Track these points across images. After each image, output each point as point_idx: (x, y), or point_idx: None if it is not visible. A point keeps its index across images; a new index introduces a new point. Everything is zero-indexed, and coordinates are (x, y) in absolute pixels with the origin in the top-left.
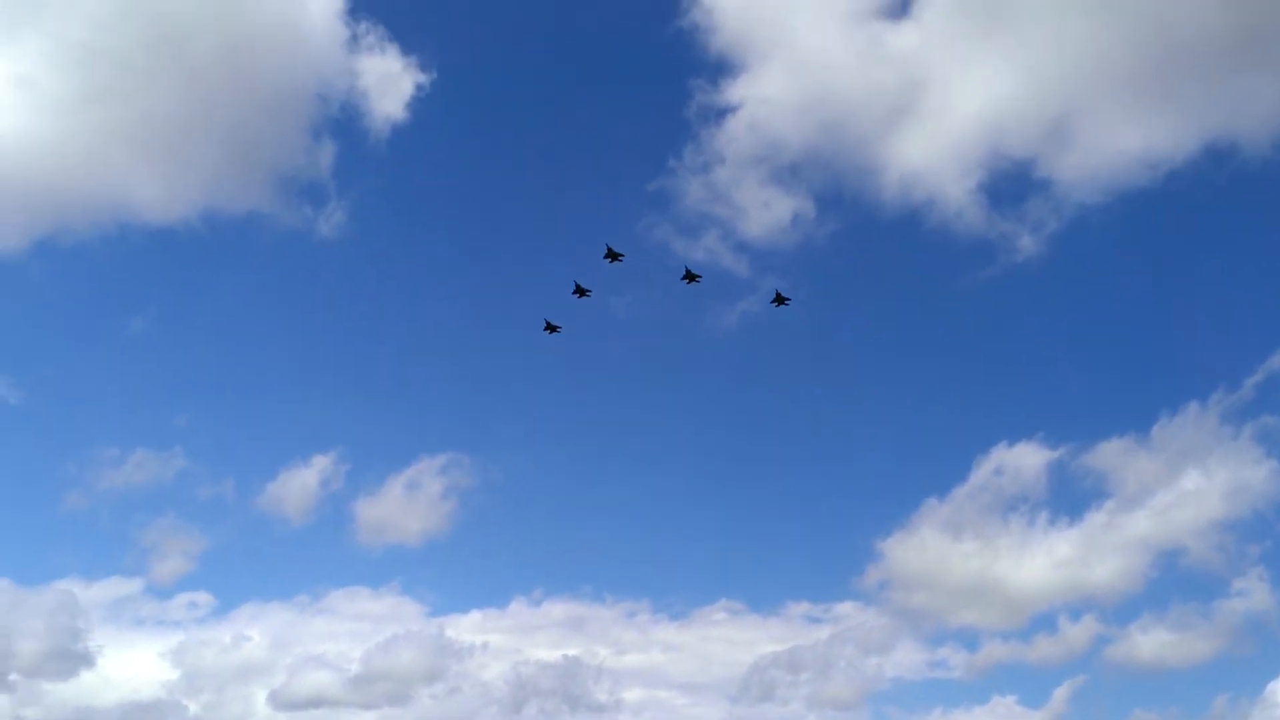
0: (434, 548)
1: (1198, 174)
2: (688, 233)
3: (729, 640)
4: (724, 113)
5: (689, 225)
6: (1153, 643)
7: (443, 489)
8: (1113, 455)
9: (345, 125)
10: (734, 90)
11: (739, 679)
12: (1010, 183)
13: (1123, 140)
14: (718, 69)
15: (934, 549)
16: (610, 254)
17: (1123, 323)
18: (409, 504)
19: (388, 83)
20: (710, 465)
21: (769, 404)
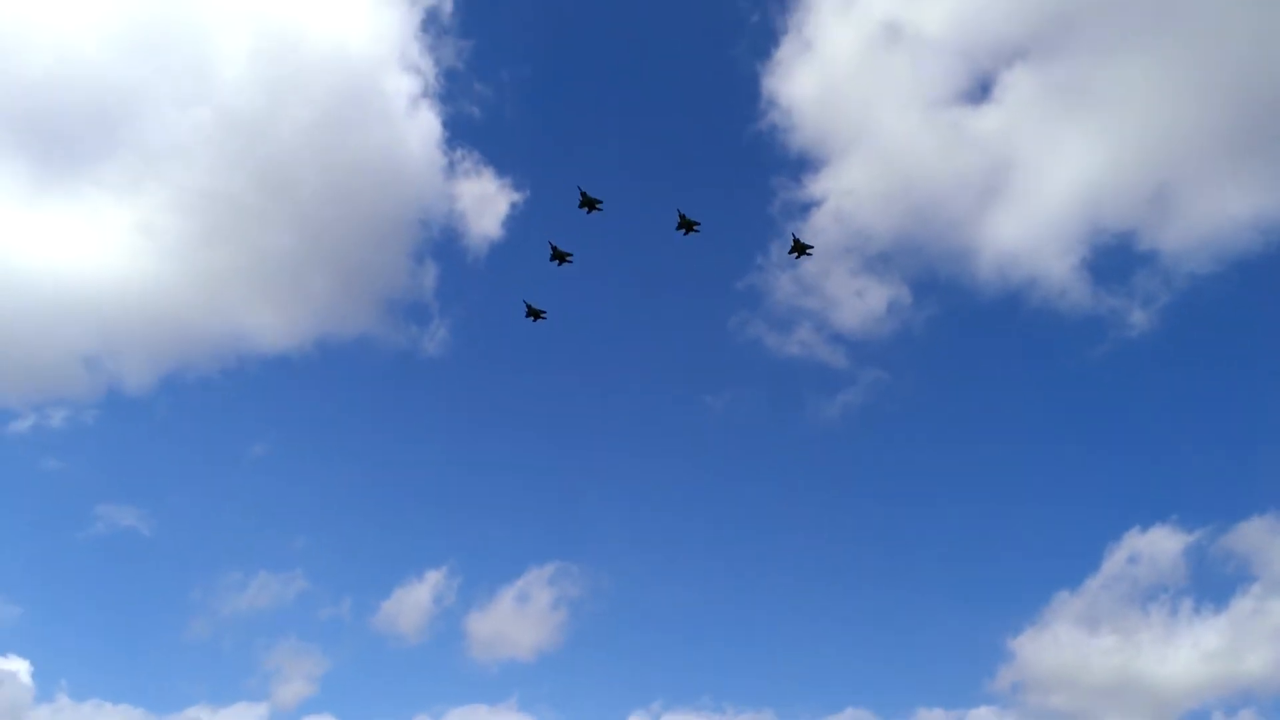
0: (548, 661)
1: None
2: (780, 327)
3: None
4: (808, 207)
5: (780, 320)
6: None
7: (553, 599)
8: (1255, 535)
9: (445, 246)
10: (817, 184)
11: None
12: (1114, 257)
13: (1229, 205)
14: (799, 165)
15: (1069, 645)
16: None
17: (1251, 394)
18: (521, 616)
19: (484, 203)
20: (826, 567)
21: (881, 500)
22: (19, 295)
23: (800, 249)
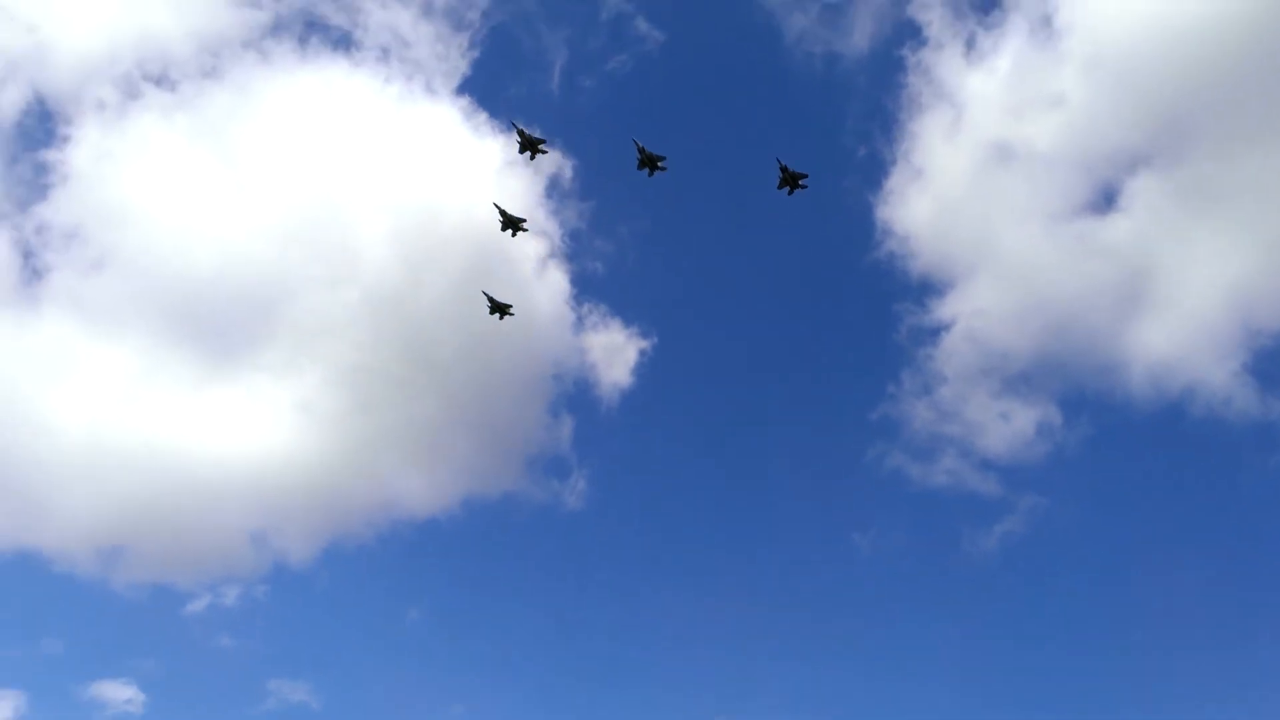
0: None
1: None
2: (922, 457)
3: None
4: (937, 331)
5: (921, 449)
6: None
7: None
8: None
9: (579, 398)
10: (943, 308)
11: None
12: (1278, 359)
13: None
14: (922, 290)
15: None
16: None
17: None
18: None
19: (613, 353)
20: (1002, 706)
21: (1049, 634)
22: (190, 478)
23: (791, 180)
